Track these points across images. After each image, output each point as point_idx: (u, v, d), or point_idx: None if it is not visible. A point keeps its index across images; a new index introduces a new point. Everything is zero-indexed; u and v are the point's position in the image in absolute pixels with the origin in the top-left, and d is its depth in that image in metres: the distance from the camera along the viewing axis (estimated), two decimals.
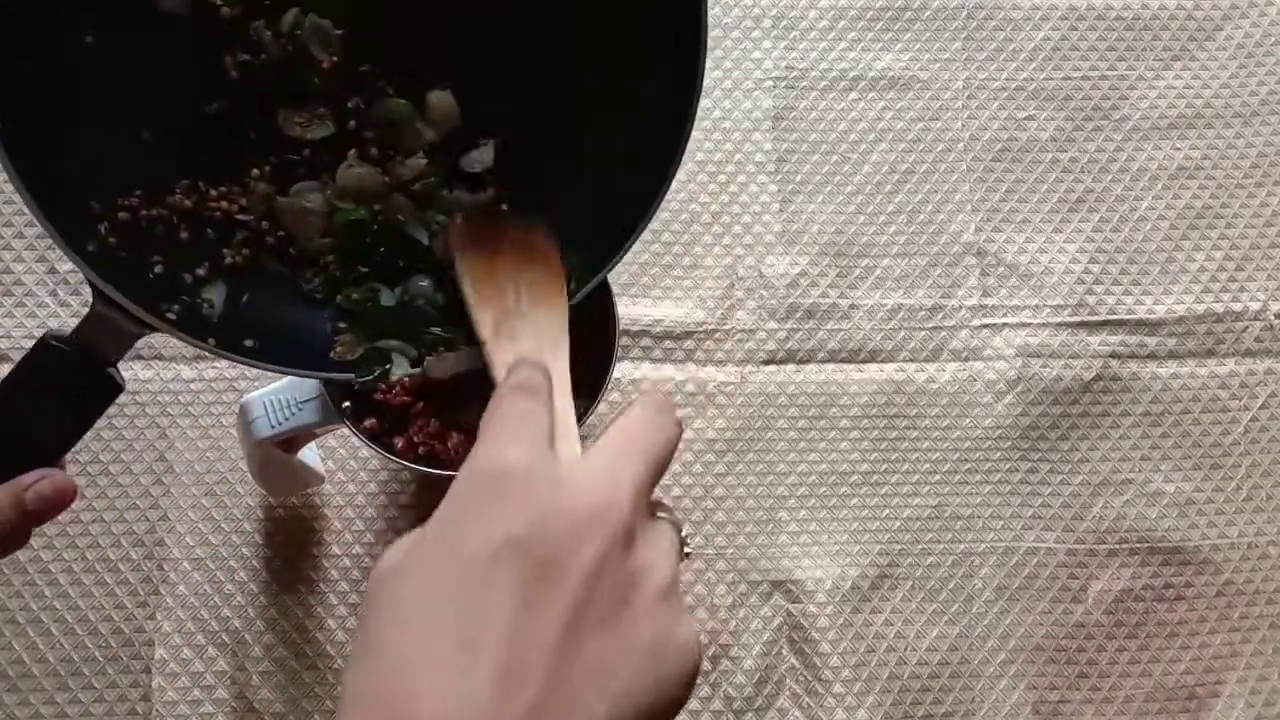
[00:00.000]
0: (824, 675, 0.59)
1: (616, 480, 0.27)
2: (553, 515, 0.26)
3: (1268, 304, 0.66)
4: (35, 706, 0.56)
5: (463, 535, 0.26)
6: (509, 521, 0.25)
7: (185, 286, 0.37)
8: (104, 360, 0.35)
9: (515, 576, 0.25)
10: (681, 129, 0.37)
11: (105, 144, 0.35)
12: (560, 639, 0.24)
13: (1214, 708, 0.60)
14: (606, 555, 0.26)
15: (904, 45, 0.69)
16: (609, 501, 0.26)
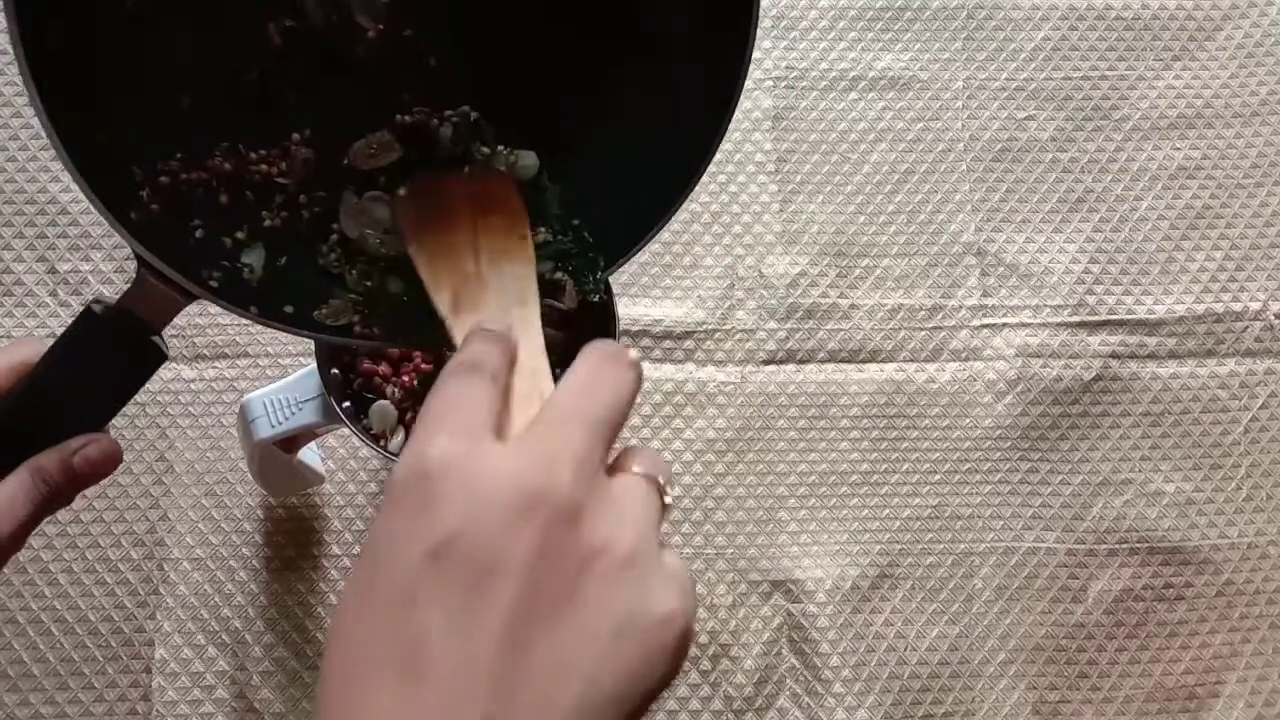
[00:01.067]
0: (824, 675, 0.59)
1: (552, 457, 0.25)
2: (479, 511, 0.23)
3: (1268, 304, 0.66)
4: (35, 706, 0.56)
5: (386, 555, 0.24)
6: (431, 530, 0.23)
7: (225, 251, 0.37)
8: (148, 329, 0.35)
9: (446, 585, 0.23)
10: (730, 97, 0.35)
11: (146, 110, 0.35)
12: (505, 642, 0.23)
13: (1214, 708, 0.60)
14: (547, 541, 0.23)
15: (904, 45, 0.69)
16: (543, 483, 0.24)
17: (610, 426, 0.27)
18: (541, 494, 0.24)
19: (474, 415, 0.26)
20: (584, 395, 0.27)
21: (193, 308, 0.64)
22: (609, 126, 0.39)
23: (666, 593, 0.24)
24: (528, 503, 0.24)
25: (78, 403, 0.36)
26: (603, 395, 0.27)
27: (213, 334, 0.62)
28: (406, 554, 0.23)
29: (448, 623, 0.23)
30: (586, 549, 0.24)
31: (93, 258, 0.62)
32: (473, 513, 0.24)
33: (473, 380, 0.27)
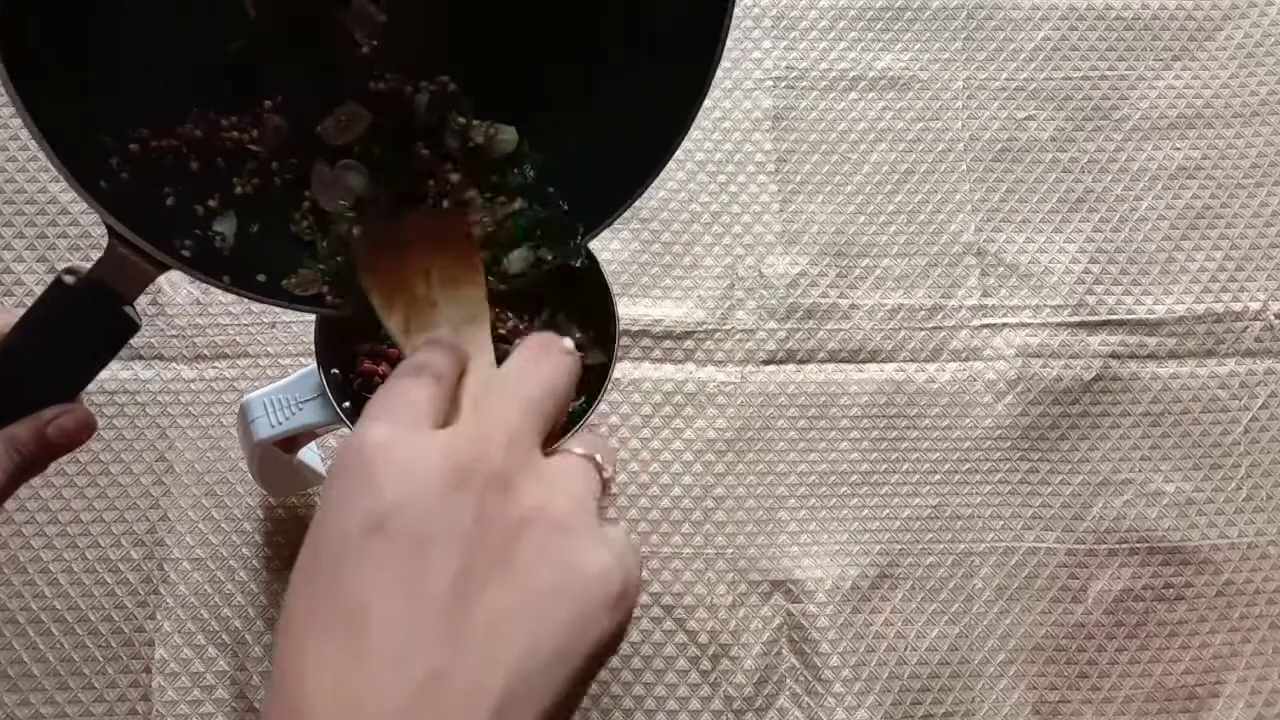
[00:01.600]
0: (824, 675, 0.59)
1: (485, 432, 0.26)
2: (417, 484, 0.25)
3: (1268, 304, 0.66)
4: (35, 706, 0.56)
5: (329, 528, 0.25)
6: (371, 503, 0.24)
7: (197, 219, 0.37)
8: (119, 300, 0.35)
9: (387, 554, 0.24)
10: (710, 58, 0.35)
11: (116, 76, 0.35)
12: (446, 603, 0.23)
13: (1214, 708, 0.60)
14: (481, 507, 0.24)
15: (904, 45, 0.69)
16: (476, 454, 0.25)
17: (543, 409, 0.28)
18: (474, 465, 0.25)
19: (414, 407, 0.27)
20: (517, 379, 0.28)
21: (192, 309, 0.64)
22: (588, 95, 0.39)
23: (601, 551, 0.25)
24: (461, 474, 0.25)
25: (49, 373, 0.36)
26: (536, 378, 0.28)
27: (213, 334, 0.62)
28: (345, 529, 0.24)
29: (390, 588, 0.23)
30: (519, 515, 0.25)
31: (93, 258, 0.62)
32: (408, 487, 0.24)
33: (416, 379, 0.28)
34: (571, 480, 0.27)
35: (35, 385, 0.36)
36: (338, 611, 0.24)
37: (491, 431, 0.26)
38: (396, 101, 0.39)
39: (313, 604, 0.24)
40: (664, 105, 0.36)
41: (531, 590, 0.24)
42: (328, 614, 0.24)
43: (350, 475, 0.25)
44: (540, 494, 0.26)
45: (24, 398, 0.36)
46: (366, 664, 0.23)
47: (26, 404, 0.36)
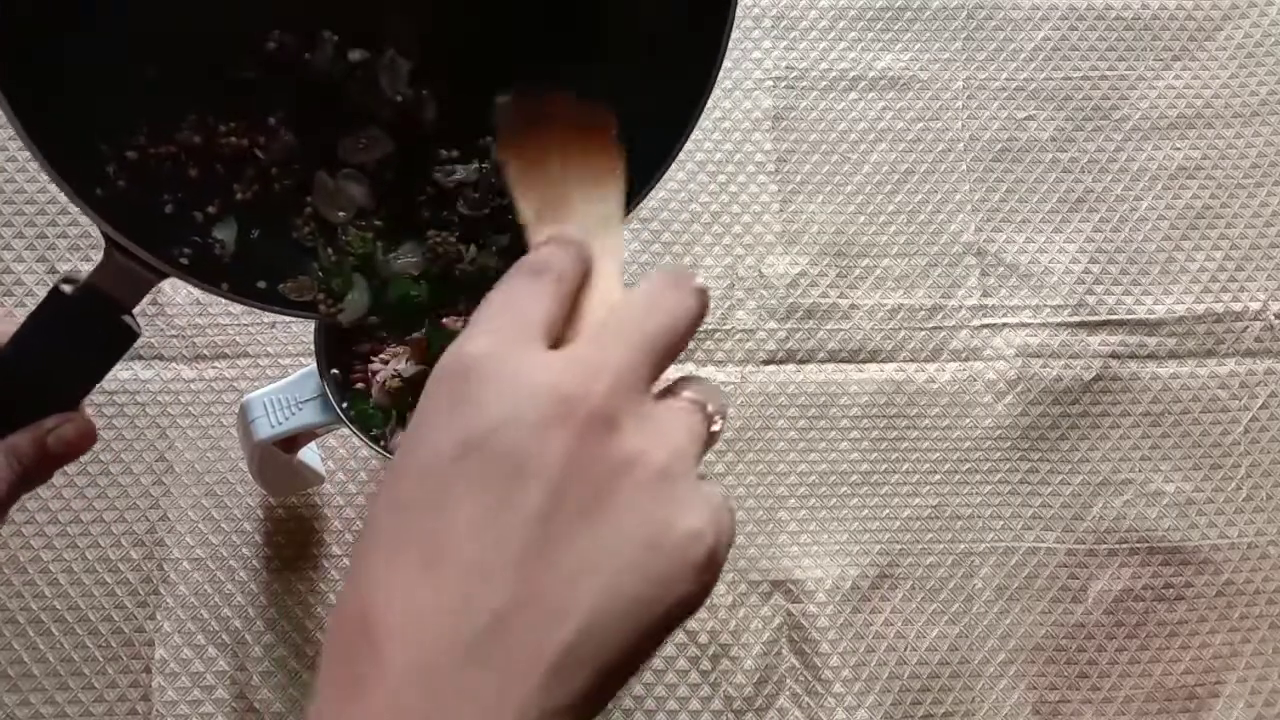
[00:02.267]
0: (824, 675, 0.59)
1: (595, 366, 0.24)
2: (515, 409, 0.23)
3: (1268, 304, 0.66)
4: (35, 706, 0.56)
5: (421, 442, 0.24)
6: (466, 422, 0.24)
7: (196, 226, 0.36)
8: (118, 308, 0.35)
9: (476, 479, 0.23)
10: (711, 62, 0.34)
11: (111, 83, 0.34)
12: (528, 540, 0.23)
13: (1214, 708, 0.60)
14: (580, 445, 0.23)
15: (904, 45, 0.69)
16: (581, 389, 0.24)
17: (661, 346, 0.26)
18: (579, 399, 0.24)
19: (525, 316, 0.26)
20: (639, 313, 0.26)
21: (192, 309, 0.64)
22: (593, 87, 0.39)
23: (697, 510, 0.24)
24: (564, 407, 0.24)
25: (49, 383, 0.36)
26: (658, 315, 0.26)
27: (213, 334, 0.62)
28: (436, 447, 0.24)
29: (474, 515, 0.23)
30: (618, 459, 0.24)
31: (93, 257, 0.62)
32: (505, 412, 0.24)
33: (534, 282, 0.27)
34: (677, 429, 0.25)
35: (35, 395, 0.36)
36: (420, 532, 0.23)
37: (604, 365, 0.25)
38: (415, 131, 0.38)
39: (396, 519, 0.24)
40: (664, 111, 0.36)
41: (617, 541, 0.23)
42: (410, 533, 0.23)
43: (447, 389, 0.24)
44: (642, 439, 0.24)
45: (24, 408, 0.35)
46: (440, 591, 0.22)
47: (27, 414, 0.35)
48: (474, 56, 0.38)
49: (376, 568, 0.23)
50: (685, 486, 0.24)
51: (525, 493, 0.23)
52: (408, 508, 0.23)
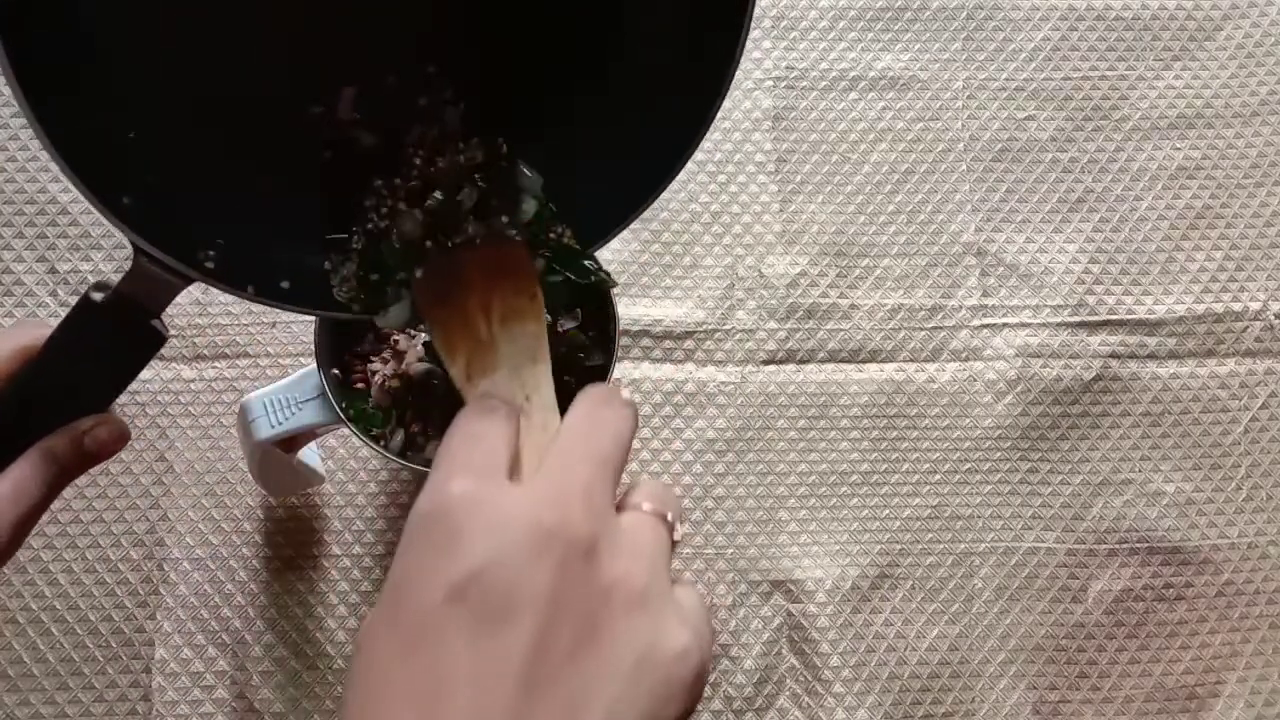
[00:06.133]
0: (824, 675, 0.59)
1: (564, 494, 0.25)
2: (498, 550, 0.24)
3: (1268, 304, 0.66)
4: (35, 706, 0.56)
5: (407, 592, 0.24)
6: (451, 568, 0.24)
7: (221, 229, 0.36)
8: (147, 313, 0.36)
9: (466, 623, 0.23)
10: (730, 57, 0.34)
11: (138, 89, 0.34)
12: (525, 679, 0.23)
13: (1214, 708, 0.60)
14: (564, 577, 0.24)
15: (904, 45, 0.69)
16: (559, 519, 0.25)
17: (614, 464, 0.27)
18: (557, 530, 0.24)
19: (491, 454, 0.27)
20: (586, 437, 0.28)
21: (192, 309, 0.64)
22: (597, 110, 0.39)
23: (681, 629, 0.25)
24: (545, 539, 0.24)
25: (81, 387, 0.37)
26: (604, 435, 0.28)
27: (213, 334, 0.62)
28: (428, 592, 0.24)
29: (468, 660, 0.23)
30: (601, 584, 0.24)
31: (93, 257, 0.62)
32: (493, 550, 0.24)
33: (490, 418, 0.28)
34: (646, 543, 0.26)
35: (68, 398, 0.36)
36: (417, 683, 0.23)
37: (572, 491, 0.26)
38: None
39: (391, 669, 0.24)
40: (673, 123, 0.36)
41: (613, 669, 0.24)
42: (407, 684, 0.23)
43: (431, 533, 0.25)
44: (620, 563, 0.25)
45: (57, 411, 0.36)
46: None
47: (61, 416, 0.36)
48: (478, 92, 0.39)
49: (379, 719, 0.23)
50: (665, 603, 0.25)
51: (516, 632, 0.23)
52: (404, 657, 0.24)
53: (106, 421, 0.37)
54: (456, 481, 0.26)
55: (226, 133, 0.36)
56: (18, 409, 0.36)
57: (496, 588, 0.24)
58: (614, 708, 0.23)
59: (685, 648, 0.25)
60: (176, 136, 0.35)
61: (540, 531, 0.24)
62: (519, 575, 0.24)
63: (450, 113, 0.39)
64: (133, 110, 0.34)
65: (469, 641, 0.23)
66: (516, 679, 0.23)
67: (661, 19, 0.37)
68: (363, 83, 0.38)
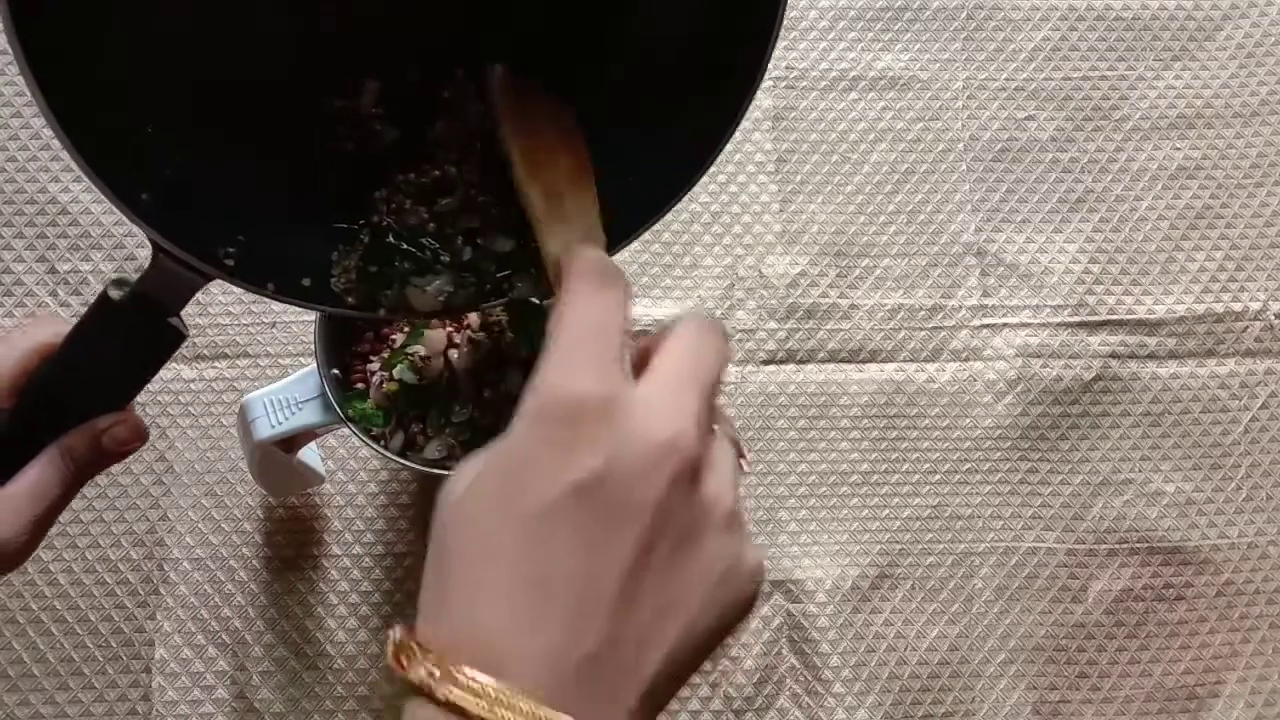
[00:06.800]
0: (824, 675, 0.59)
1: (679, 411, 0.26)
2: (622, 455, 0.25)
3: (1268, 304, 0.66)
4: (35, 706, 0.56)
5: (528, 481, 0.25)
6: (578, 464, 0.25)
7: (242, 226, 0.36)
8: (165, 311, 0.36)
9: (583, 519, 0.25)
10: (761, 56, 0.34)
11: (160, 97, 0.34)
12: (629, 578, 0.25)
13: (1214, 708, 0.60)
14: (673, 491, 0.25)
15: (904, 45, 0.69)
16: (677, 434, 0.26)
17: (715, 390, 0.28)
18: (675, 446, 0.26)
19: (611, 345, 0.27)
20: (698, 357, 0.28)
21: (192, 309, 0.64)
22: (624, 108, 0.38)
23: (756, 550, 0.27)
24: (665, 453, 0.25)
25: (99, 385, 0.37)
26: (709, 361, 0.28)
27: (213, 334, 0.62)
28: (552, 483, 0.25)
29: (582, 550, 0.25)
30: (701, 503, 0.26)
31: (93, 258, 0.62)
32: (617, 457, 0.25)
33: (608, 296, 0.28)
34: (730, 470, 0.28)
35: (87, 396, 0.36)
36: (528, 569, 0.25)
37: (686, 409, 0.27)
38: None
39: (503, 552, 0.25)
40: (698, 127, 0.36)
41: (702, 578, 0.26)
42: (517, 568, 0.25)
43: (561, 428, 0.26)
44: (716, 485, 0.27)
45: (76, 409, 0.36)
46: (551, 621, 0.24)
47: (79, 415, 0.36)
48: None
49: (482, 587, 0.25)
50: (745, 528, 0.27)
51: (626, 535, 0.25)
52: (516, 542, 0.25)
53: (125, 420, 0.37)
54: (585, 378, 0.26)
55: (245, 126, 0.36)
56: (36, 407, 0.36)
57: (617, 492, 0.25)
58: (697, 613, 0.26)
59: (757, 566, 0.27)
60: (194, 130, 0.35)
61: (662, 446, 0.26)
62: (638, 484, 0.25)
63: (473, 109, 0.38)
64: (150, 104, 0.34)
65: (584, 539, 0.25)
66: (621, 579, 0.25)
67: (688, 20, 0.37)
68: (386, 77, 0.38)
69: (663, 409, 0.26)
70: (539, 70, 0.37)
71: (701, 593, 0.26)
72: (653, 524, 0.25)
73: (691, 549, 0.26)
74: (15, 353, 0.36)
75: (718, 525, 0.26)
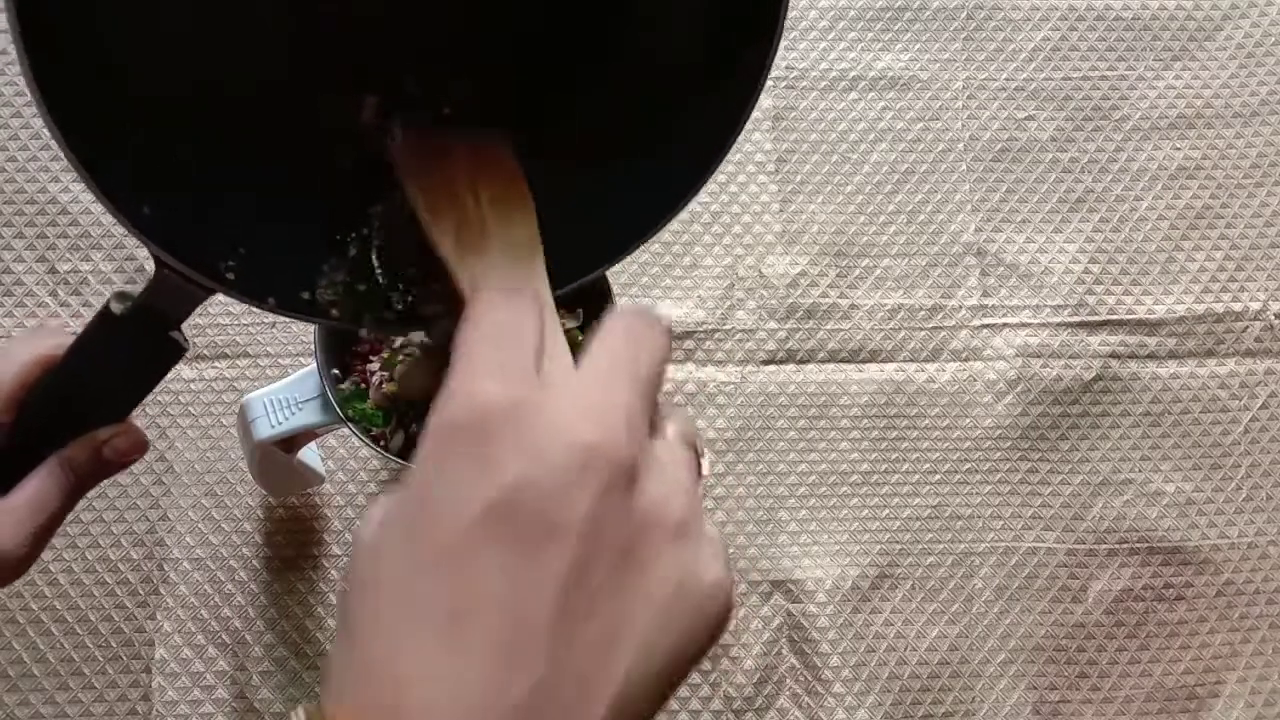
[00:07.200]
0: (824, 675, 0.59)
1: (607, 410, 0.23)
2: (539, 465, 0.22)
3: (1268, 304, 0.66)
4: (35, 706, 0.56)
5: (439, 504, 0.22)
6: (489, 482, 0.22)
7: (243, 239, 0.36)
8: (167, 324, 0.35)
9: (502, 543, 0.22)
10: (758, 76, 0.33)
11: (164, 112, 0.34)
12: (560, 607, 0.22)
13: (1214, 708, 0.60)
14: (605, 502, 0.22)
15: (904, 45, 0.69)
16: (601, 439, 0.23)
17: (654, 386, 0.25)
18: (601, 450, 0.23)
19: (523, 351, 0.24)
20: (627, 351, 0.25)
21: None
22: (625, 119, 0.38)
23: (715, 561, 0.24)
24: (589, 459, 0.22)
25: (100, 397, 0.37)
26: (644, 353, 0.25)
27: (213, 334, 0.62)
28: (462, 506, 0.22)
29: (504, 579, 0.22)
30: (641, 513, 0.23)
31: (93, 258, 0.62)
32: (532, 468, 0.22)
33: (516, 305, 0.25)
34: (681, 472, 0.25)
35: (88, 409, 0.36)
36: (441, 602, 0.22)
37: (612, 409, 0.23)
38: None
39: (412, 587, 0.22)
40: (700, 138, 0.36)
41: (649, 600, 0.23)
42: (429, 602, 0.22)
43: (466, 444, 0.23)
44: (659, 489, 0.23)
45: (77, 420, 0.36)
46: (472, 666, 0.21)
47: (80, 426, 0.36)
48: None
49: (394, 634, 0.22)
50: (700, 535, 0.24)
51: (553, 557, 0.22)
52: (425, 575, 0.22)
53: (125, 431, 0.37)
54: (489, 384, 0.23)
55: (246, 135, 0.36)
56: (37, 419, 0.36)
57: (537, 508, 0.22)
58: (649, 637, 0.23)
59: (718, 579, 0.24)
60: (195, 141, 0.35)
61: (584, 450, 0.22)
62: (561, 496, 0.22)
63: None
64: (151, 113, 0.34)
65: (504, 564, 0.22)
66: (552, 605, 0.22)
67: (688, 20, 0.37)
68: (385, 91, 0.38)
69: (585, 409, 0.23)
70: (539, 70, 0.37)
71: (651, 616, 0.23)
72: (583, 541, 0.22)
73: (633, 566, 0.22)
74: (15, 366, 0.35)
75: (664, 536, 0.23)
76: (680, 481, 0.24)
